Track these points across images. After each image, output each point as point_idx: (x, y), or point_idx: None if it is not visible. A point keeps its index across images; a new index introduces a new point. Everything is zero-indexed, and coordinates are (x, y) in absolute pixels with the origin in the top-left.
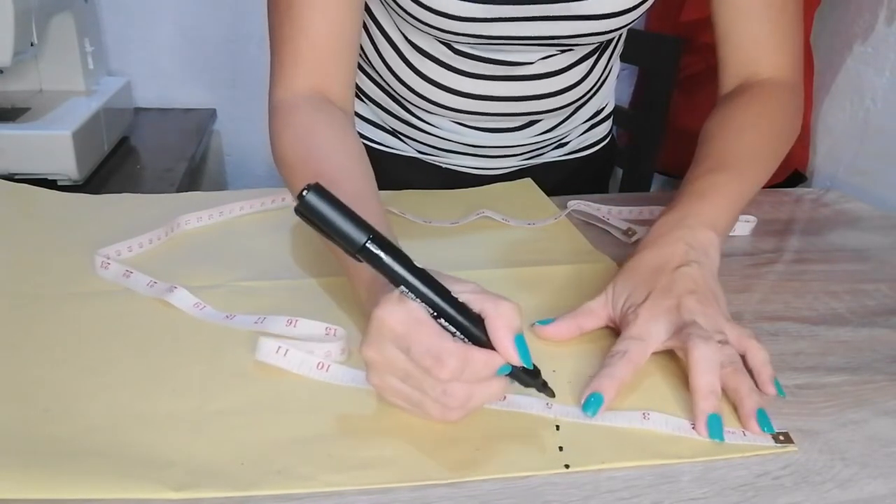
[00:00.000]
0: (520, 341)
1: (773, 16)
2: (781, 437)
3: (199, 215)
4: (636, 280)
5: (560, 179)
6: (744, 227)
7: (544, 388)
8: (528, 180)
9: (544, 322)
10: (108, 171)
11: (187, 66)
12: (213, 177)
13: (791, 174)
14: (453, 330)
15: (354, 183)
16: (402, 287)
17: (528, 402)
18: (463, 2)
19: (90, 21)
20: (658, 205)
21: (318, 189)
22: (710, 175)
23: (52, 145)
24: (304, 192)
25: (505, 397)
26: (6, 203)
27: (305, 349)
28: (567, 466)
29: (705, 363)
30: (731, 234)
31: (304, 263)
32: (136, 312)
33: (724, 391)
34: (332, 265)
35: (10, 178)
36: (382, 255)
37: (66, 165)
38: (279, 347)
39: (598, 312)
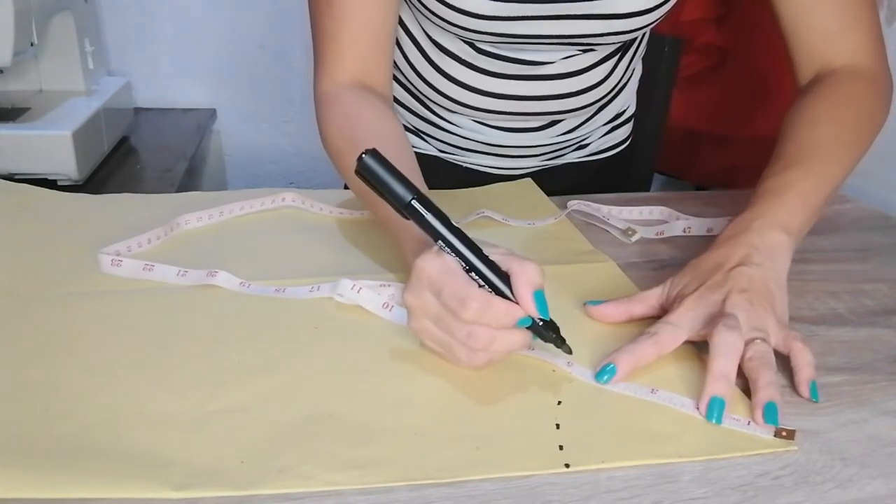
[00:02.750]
0: (539, 296)
1: (837, 3)
2: (784, 434)
3: (199, 215)
4: (693, 274)
5: (580, 181)
6: None
7: (562, 343)
8: (528, 180)
9: (595, 302)
10: (108, 171)
11: (187, 66)
12: (213, 177)
13: None
14: (482, 283)
15: (396, 162)
16: (440, 242)
17: (552, 357)
18: (488, 0)
19: (90, 21)
20: (658, 205)
21: (374, 153)
22: (784, 172)
23: (52, 145)
24: (363, 155)
25: (533, 348)
26: (6, 203)
27: (375, 290)
28: (567, 466)
29: (723, 347)
30: None
31: (304, 263)
32: (136, 312)
33: (748, 383)
34: (331, 266)
35: (10, 178)
36: (424, 212)
37: (66, 165)
38: (354, 285)
39: (650, 301)
